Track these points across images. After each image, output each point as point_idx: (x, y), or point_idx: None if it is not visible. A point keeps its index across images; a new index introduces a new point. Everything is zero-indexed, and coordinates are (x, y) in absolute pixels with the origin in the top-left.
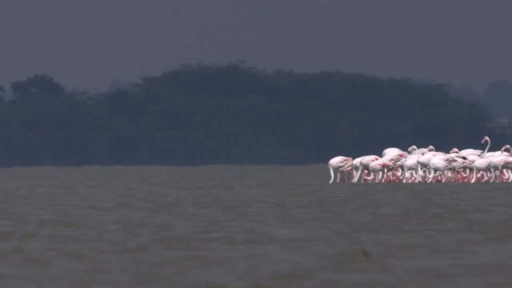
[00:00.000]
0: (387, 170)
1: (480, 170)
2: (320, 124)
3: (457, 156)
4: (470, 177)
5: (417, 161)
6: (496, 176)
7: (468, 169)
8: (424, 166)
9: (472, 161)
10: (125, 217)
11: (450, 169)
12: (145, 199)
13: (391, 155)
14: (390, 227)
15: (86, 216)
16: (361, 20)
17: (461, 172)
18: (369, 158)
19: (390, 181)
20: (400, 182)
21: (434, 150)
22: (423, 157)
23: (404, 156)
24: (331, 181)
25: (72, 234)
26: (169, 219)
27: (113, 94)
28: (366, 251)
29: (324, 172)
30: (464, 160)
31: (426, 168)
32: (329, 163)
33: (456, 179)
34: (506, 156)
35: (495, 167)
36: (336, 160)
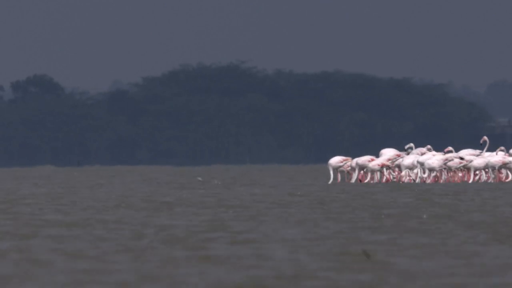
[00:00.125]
0: (386, 170)
1: (478, 169)
2: (320, 124)
3: (454, 156)
4: (468, 176)
5: (416, 160)
6: (494, 176)
7: (466, 169)
8: (422, 165)
9: (469, 160)
10: (125, 217)
11: (445, 169)
12: (145, 199)
13: (388, 155)
14: (390, 227)
15: (86, 216)
16: (361, 20)
17: (457, 172)
18: (365, 159)
19: (388, 181)
20: (399, 181)
21: (432, 149)
22: (422, 157)
23: (401, 156)
24: (331, 181)
25: (72, 234)
26: (169, 219)
27: (113, 94)
28: (366, 251)
29: (324, 172)
30: (461, 160)
31: (422, 167)
32: (328, 163)
33: (453, 179)
34: (504, 156)
35: (493, 167)
36: (335, 160)
